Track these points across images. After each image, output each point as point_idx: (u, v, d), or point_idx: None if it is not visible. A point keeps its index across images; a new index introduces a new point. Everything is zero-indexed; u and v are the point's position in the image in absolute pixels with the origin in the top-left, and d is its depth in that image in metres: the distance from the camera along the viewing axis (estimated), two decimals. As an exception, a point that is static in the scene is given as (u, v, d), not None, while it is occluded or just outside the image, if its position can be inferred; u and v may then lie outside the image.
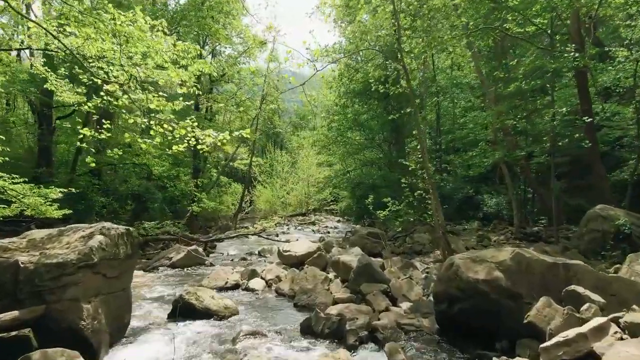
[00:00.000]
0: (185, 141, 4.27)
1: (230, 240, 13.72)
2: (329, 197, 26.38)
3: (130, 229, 4.55)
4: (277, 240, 13.20)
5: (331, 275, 7.08)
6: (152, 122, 4.04)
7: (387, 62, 7.80)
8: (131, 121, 4.22)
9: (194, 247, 8.93)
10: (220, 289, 6.53)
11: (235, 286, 6.67)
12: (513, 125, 10.09)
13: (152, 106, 4.06)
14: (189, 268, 8.50)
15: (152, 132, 4.12)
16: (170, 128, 4.07)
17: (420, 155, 6.05)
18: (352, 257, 6.78)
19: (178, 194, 15.11)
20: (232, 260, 10.39)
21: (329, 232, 17.70)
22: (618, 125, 10.81)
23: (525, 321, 3.23)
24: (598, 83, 9.21)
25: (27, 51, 12.64)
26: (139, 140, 4.26)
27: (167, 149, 4.58)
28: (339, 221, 23.33)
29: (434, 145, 15.99)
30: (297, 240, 13.72)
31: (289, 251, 8.16)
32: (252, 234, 13.75)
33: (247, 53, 21.63)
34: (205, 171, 21.66)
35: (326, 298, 5.64)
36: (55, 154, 13.49)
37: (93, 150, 5.67)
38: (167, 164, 14.86)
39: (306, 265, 7.60)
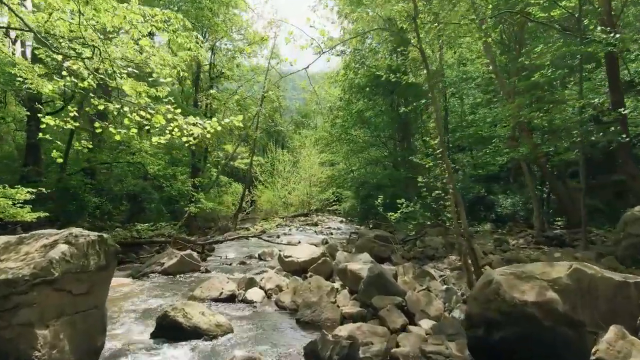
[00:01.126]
0: (167, 132, 3.59)
1: (230, 242, 13.06)
2: (332, 197, 25.67)
3: (104, 235, 3.86)
4: (278, 243, 12.52)
5: (337, 284, 6.39)
6: (125, 109, 3.35)
7: (398, 49, 7.10)
8: (101, 107, 3.55)
9: (187, 252, 8.25)
10: (214, 301, 5.85)
11: (231, 297, 5.97)
12: (528, 120, 9.37)
13: (125, 89, 3.38)
14: (182, 275, 7.82)
15: (126, 121, 3.44)
16: (148, 116, 3.40)
17: (437, 150, 5.34)
18: (360, 264, 6.09)
19: (175, 194, 14.43)
20: (230, 264, 9.71)
21: (331, 234, 17.02)
22: (634, 122, 10.07)
23: (593, 358, 2.52)
24: (630, 69, 8.45)
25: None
26: (112, 130, 3.60)
27: (144, 141, 3.86)
28: (341, 222, 22.63)
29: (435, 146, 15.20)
30: (299, 242, 13.05)
31: (290, 257, 7.47)
32: (252, 236, 13.06)
33: (247, 49, 20.98)
34: (205, 170, 20.99)
35: (333, 313, 4.95)
36: (46, 151, 12.81)
37: (60, 143, 4.91)
38: (162, 162, 14.17)
39: (309, 273, 6.92)
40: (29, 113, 9.43)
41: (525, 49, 9.03)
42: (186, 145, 3.84)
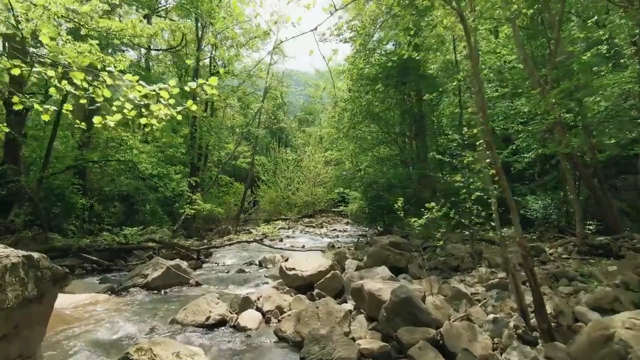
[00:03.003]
0: (115, 108, 2.50)
1: (229, 246, 12.02)
2: (337, 197, 24.60)
3: (35, 255, 2.78)
4: (281, 248, 11.45)
5: (350, 304, 5.30)
6: (51, 75, 2.28)
7: (420, 25, 5.98)
8: (16, 72, 2.48)
9: (175, 262, 7.18)
10: (200, 327, 4.77)
11: (221, 322, 4.89)
12: (568, 110, 8.23)
13: (45, 40, 2.31)
14: (168, 289, 6.76)
15: (52, 91, 2.37)
16: (86, 84, 2.33)
17: (479, 141, 4.20)
18: (379, 283, 4.98)
19: (170, 195, 13.39)
20: (227, 272, 8.67)
21: (337, 237, 15.97)
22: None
23: None
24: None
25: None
26: (37, 106, 2.53)
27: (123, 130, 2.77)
28: (347, 223, 21.58)
29: (459, 140, 14.05)
30: (303, 247, 12.00)
31: (294, 269, 6.36)
32: (252, 241, 11.99)
33: (249, 44, 20.05)
34: (205, 170, 20.00)
35: (348, 351, 3.83)
36: (28, 148, 11.82)
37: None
38: (155, 160, 13.12)
39: (316, 290, 5.82)
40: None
41: (579, 23, 7.68)
42: (146, 130, 2.76)
